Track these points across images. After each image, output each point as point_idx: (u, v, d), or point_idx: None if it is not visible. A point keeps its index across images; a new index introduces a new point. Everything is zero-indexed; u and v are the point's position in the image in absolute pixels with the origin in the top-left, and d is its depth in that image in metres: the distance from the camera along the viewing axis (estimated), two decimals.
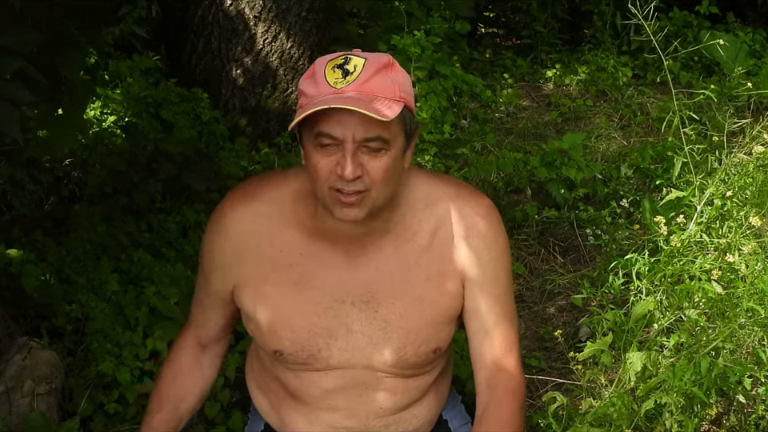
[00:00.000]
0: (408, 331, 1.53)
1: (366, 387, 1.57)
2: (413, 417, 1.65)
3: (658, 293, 2.01)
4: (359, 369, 1.56)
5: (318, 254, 1.51)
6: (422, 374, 1.62)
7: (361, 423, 1.60)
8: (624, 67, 5.45)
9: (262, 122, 3.98)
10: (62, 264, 2.82)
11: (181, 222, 3.19)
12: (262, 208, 1.53)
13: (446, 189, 1.56)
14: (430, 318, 1.54)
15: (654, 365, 1.86)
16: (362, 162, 1.37)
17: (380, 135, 1.36)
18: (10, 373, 2.28)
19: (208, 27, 3.91)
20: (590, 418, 1.84)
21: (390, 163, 1.39)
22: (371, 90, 1.36)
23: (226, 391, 2.54)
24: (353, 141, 1.36)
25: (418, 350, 1.55)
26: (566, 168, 3.74)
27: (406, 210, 1.52)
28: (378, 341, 1.53)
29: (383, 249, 1.51)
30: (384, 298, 1.52)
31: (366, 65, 1.38)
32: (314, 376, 1.57)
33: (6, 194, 3.23)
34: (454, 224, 1.53)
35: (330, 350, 1.53)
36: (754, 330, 1.83)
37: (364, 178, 1.38)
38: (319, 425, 1.61)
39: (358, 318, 1.52)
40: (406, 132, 1.43)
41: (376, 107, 1.33)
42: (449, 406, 1.80)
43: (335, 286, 1.52)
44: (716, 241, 2.11)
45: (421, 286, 1.52)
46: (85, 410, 2.38)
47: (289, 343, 1.53)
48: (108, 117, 3.78)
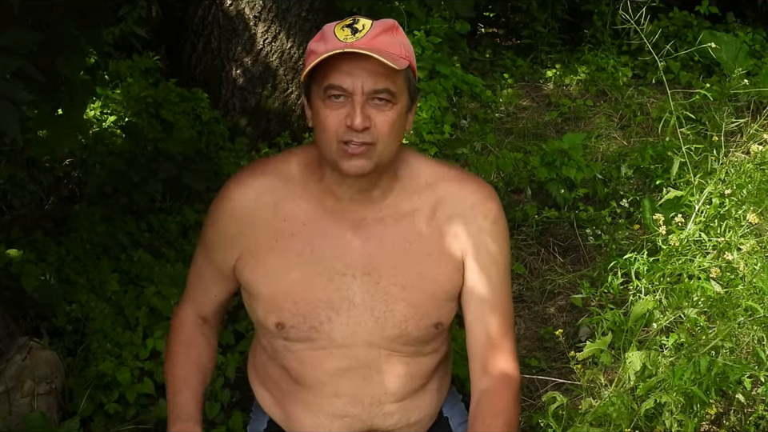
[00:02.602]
0: (410, 303, 1.54)
1: (370, 368, 1.57)
2: (415, 407, 1.65)
3: (657, 292, 2.01)
4: (361, 347, 1.56)
5: (321, 225, 1.54)
6: (425, 354, 1.62)
7: (365, 411, 1.60)
8: (624, 67, 5.45)
9: (262, 122, 3.98)
10: (62, 264, 2.82)
11: (181, 221, 3.19)
12: (268, 182, 1.57)
13: (448, 170, 1.60)
14: (431, 292, 1.55)
15: (654, 364, 1.86)
16: (370, 114, 1.43)
17: (387, 87, 1.42)
18: (9, 373, 2.28)
19: (208, 27, 3.91)
20: (589, 418, 1.84)
21: (396, 118, 1.45)
22: (379, 45, 1.42)
23: (226, 391, 2.54)
24: (362, 92, 1.42)
25: (419, 323, 1.55)
26: (565, 168, 3.74)
27: (408, 185, 1.56)
28: (379, 314, 1.54)
29: (385, 222, 1.54)
30: (385, 270, 1.54)
31: (373, 24, 1.45)
32: (316, 356, 1.57)
33: (6, 193, 3.23)
34: (456, 204, 1.56)
35: (331, 323, 1.54)
36: (753, 329, 1.84)
37: (372, 129, 1.43)
38: (324, 414, 1.60)
39: (359, 291, 1.54)
40: (409, 92, 1.49)
41: (386, 57, 1.39)
42: (449, 403, 1.80)
43: (337, 258, 1.54)
44: (714, 240, 2.11)
45: (422, 261, 1.55)
46: (85, 410, 2.38)
47: (291, 315, 1.54)
48: (108, 117, 3.78)
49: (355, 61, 1.41)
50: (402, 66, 1.42)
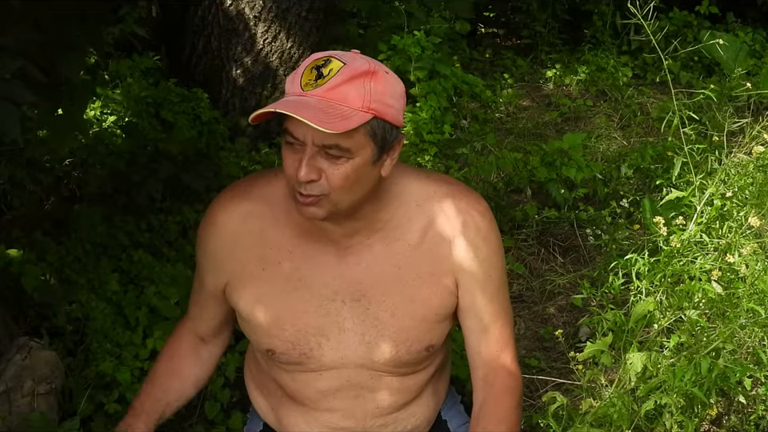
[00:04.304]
0: (400, 329, 1.52)
1: (362, 387, 1.57)
2: (410, 415, 1.65)
3: (658, 293, 2.01)
4: (353, 368, 1.55)
5: (308, 252, 1.51)
6: (418, 371, 1.61)
7: (359, 424, 1.60)
8: (624, 67, 5.44)
9: (262, 122, 3.95)
10: (62, 264, 2.82)
11: (181, 221, 3.19)
12: (253, 207, 1.53)
13: (437, 188, 1.54)
14: (421, 315, 1.53)
15: (655, 365, 1.86)
16: (322, 166, 1.36)
17: (337, 144, 1.34)
18: (10, 373, 2.27)
19: (208, 27, 3.91)
20: (590, 419, 1.84)
21: (351, 171, 1.37)
22: (336, 97, 1.33)
23: (226, 391, 2.54)
24: (312, 144, 1.35)
25: (411, 348, 1.54)
26: (565, 168, 3.74)
27: (397, 209, 1.51)
28: (370, 339, 1.52)
29: (373, 247, 1.50)
30: (374, 296, 1.51)
31: (341, 70, 1.34)
32: (308, 377, 1.57)
33: (6, 193, 3.23)
34: (446, 222, 1.51)
35: (321, 349, 1.53)
36: (754, 331, 1.83)
37: (322, 182, 1.37)
38: (317, 425, 1.61)
39: (349, 316, 1.52)
40: (377, 143, 1.38)
41: (330, 116, 1.31)
42: (447, 405, 1.80)
43: (325, 285, 1.51)
44: (716, 241, 2.11)
45: (412, 284, 1.51)
46: (85, 410, 2.38)
47: (280, 342, 1.52)
48: (108, 117, 3.78)
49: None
50: (349, 125, 1.31)
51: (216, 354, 1.76)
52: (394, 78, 1.42)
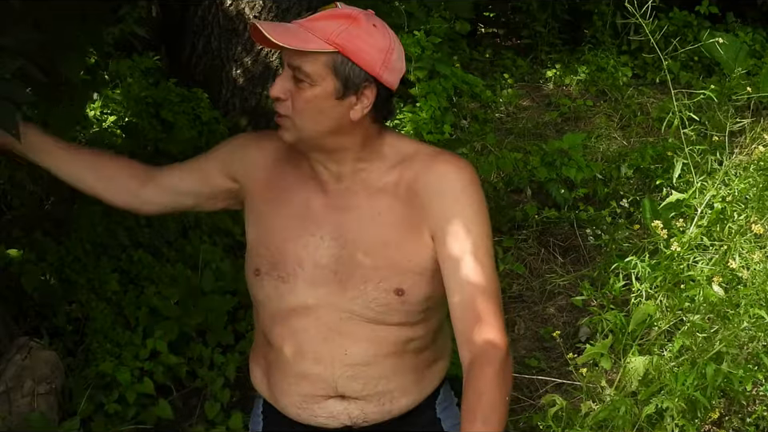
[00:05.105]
0: (370, 267, 1.58)
1: (330, 329, 1.61)
2: (381, 378, 1.64)
3: (659, 296, 2.00)
4: (323, 307, 1.61)
5: (305, 189, 1.64)
6: (389, 324, 1.61)
7: (327, 370, 1.62)
8: (624, 67, 5.45)
9: (262, 122, 3.97)
10: (62, 264, 2.82)
11: (181, 221, 3.19)
12: (270, 143, 1.70)
13: (424, 148, 1.64)
14: (392, 258, 1.58)
15: (657, 369, 1.85)
16: (291, 88, 1.52)
17: (300, 66, 1.48)
18: (10, 373, 2.27)
19: (208, 27, 3.91)
20: (590, 422, 1.83)
21: (312, 98, 1.50)
22: (310, 26, 1.48)
23: (226, 391, 2.54)
24: (287, 65, 1.51)
25: (378, 285, 1.57)
26: (565, 168, 3.74)
27: (383, 161, 1.60)
28: (341, 277, 1.59)
29: (357, 194, 1.60)
30: (352, 237, 1.59)
31: (329, 9, 1.51)
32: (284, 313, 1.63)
33: (6, 193, 3.23)
34: (429, 177, 1.58)
35: (296, 277, 1.61)
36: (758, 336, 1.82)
37: (288, 103, 1.53)
38: (292, 375, 1.65)
39: (326, 254, 1.60)
40: (340, 79, 1.49)
41: (290, 35, 1.46)
42: (443, 404, 1.78)
43: (309, 220, 1.62)
44: (717, 243, 2.10)
45: (387, 229, 1.59)
46: (85, 410, 2.38)
47: (264, 261, 1.64)
48: (108, 117, 3.78)
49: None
50: (306, 47, 1.46)
51: (134, 193, 1.80)
52: (382, 32, 1.55)
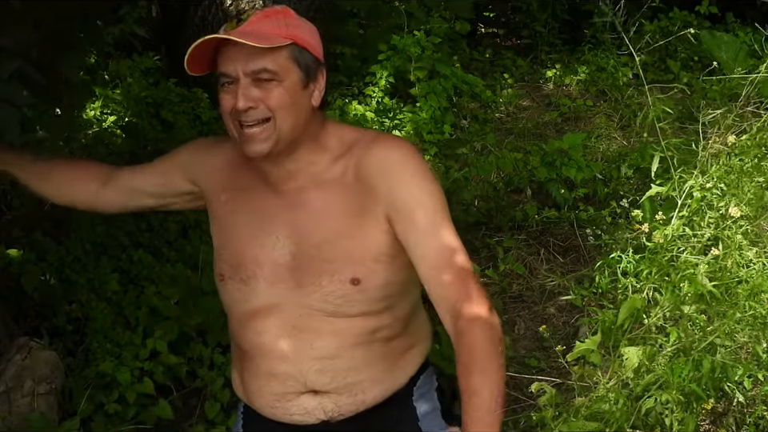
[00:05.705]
0: (323, 260, 1.61)
1: (293, 326, 1.63)
2: (350, 370, 1.65)
3: (644, 290, 2.01)
4: (285, 305, 1.63)
5: (257, 190, 1.67)
6: (350, 316, 1.63)
7: (294, 367, 1.64)
8: (624, 67, 5.45)
9: None
10: (62, 264, 2.82)
11: (181, 221, 3.19)
12: (226, 148, 1.73)
13: (365, 133, 1.67)
14: (345, 248, 1.60)
15: (651, 360, 1.86)
16: (257, 95, 1.52)
17: (265, 66, 1.51)
18: (10, 373, 2.28)
19: (208, 27, 3.91)
20: (584, 412, 1.84)
21: (284, 93, 1.53)
22: (255, 29, 1.52)
23: (226, 391, 2.54)
24: (243, 75, 1.52)
25: (333, 277, 1.60)
26: (565, 168, 3.74)
27: (328, 152, 1.64)
28: (299, 275, 1.61)
29: (307, 190, 1.63)
30: (305, 234, 1.62)
31: (256, 13, 1.55)
32: (248, 315, 1.66)
33: (6, 193, 3.23)
34: (371, 162, 1.60)
35: (257, 279, 1.64)
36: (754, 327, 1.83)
37: (262, 108, 1.53)
38: (262, 375, 1.67)
39: (282, 253, 1.63)
40: (301, 68, 1.55)
41: (253, 37, 1.48)
42: (421, 390, 1.77)
43: (266, 222, 1.65)
44: (699, 233, 2.11)
45: (339, 220, 1.61)
46: (85, 410, 2.38)
47: (227, 266, 1.68)
48: (108, 117, 3.78)
49: (235, 48, 1.51)
50: (273, 43, 1.50)
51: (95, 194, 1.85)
52: (308, 22, 1.61)
